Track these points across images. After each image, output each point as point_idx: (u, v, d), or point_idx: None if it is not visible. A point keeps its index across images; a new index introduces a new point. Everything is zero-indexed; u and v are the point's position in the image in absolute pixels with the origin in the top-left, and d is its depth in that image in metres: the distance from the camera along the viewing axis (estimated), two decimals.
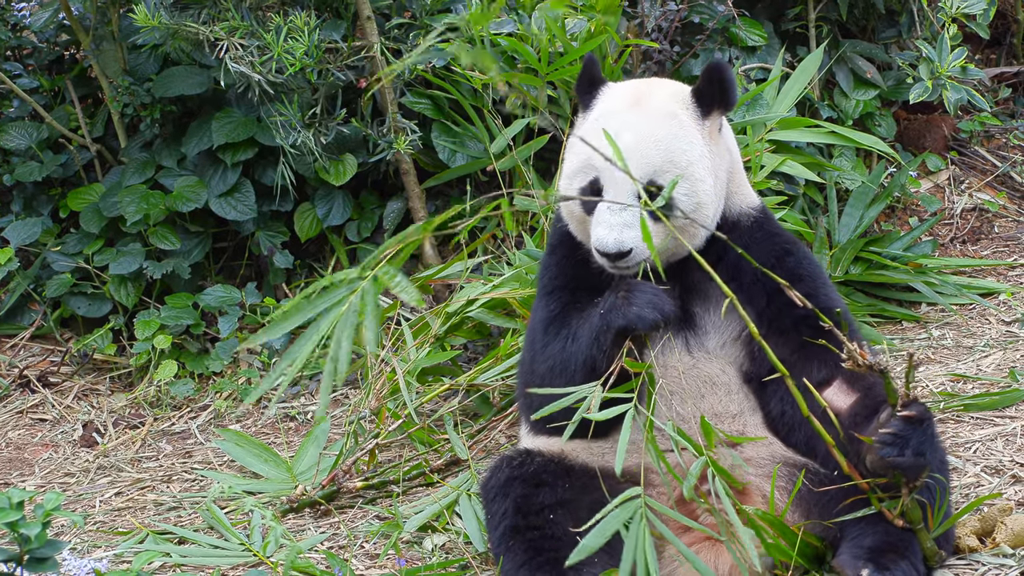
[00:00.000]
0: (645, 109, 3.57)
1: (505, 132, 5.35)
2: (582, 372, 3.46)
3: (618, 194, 3.49)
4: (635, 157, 3.49)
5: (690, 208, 3.51)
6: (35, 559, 2.92)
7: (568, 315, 3.59)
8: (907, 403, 3.24)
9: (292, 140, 5.45)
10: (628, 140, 3.49)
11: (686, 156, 3.51)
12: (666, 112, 3.56)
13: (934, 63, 5.59)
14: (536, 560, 3.38)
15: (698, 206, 3.52)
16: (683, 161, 3.50)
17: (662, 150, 3.50)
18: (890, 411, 3.25)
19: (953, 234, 6.07)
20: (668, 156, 3.50)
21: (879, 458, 3.24)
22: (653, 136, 3.51)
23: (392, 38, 5.59)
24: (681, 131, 3.53)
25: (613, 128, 3.50)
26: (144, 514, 4.48)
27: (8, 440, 5.29)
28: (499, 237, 5.52)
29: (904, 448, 3.22)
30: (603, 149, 3.43)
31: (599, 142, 3.47)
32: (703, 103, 3.59)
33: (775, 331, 3.55)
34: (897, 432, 3.22)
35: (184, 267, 5.69)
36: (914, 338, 5.24)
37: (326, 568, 3.74)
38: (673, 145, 3.51)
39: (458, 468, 4.44)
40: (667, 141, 3.51)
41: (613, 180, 3.50)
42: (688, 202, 3.51)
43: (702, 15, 5.56)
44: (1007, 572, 3.40)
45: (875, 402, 3.37)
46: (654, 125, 3.52)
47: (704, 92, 3.59)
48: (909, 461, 3.22)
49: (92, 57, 5.89)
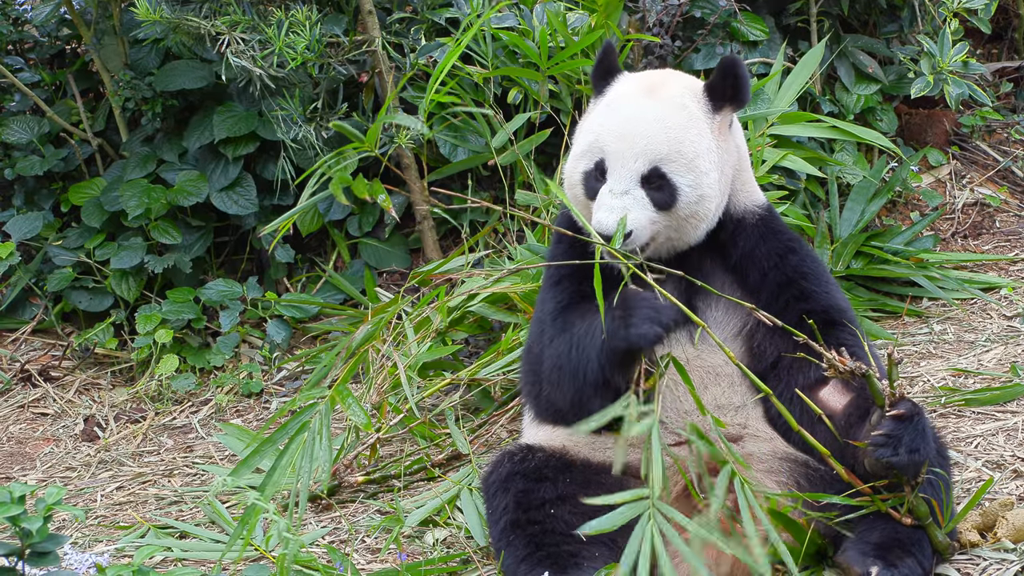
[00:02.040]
0: (657, 98, 3.58)
1: (506, 127, 5.34)
2: (592, 386, 3.45)
3: (621, 176, 3.50)
4: (642, 142, 3.49)
5: (693, 199, 3.51)
6: (36, 553, 2.93)
7: (573, 310, 3.58)
8: (894, 402, 3.24)
9: (293, 134, 5.45)
10: (637, 125, 3.50)
11: (693, 147, 3.51)
12: (678, 103, 3.56)
13: (935, 58, 5.59)
14: (537, 554, 3.38)
15: (701, 198, 3.53)
16: (690, 152, 3.51)
17: (670, 139, 3.50)
18: (879, 412, 3.26)
19: (954, 229, 6.07)
20: (675, 146, 3.50)
21: (876, 460, 3.24)
22: (663, 124, 3.51)
23: (393, 32, 5.58)
24: (691, 123, 3.54)
25: (623, 112, 3.52)
26: (145, 508, 4.48)
27: (9, 434, 5.30)
28: (500, 231, 5.52)
29: (897, 447, 3.22)
30: (612, 131, 3.44)
31: (608, 124, 3.48)
32: (715, 98, 3.60)
33: (776, 327, 3.54)
34: (889, 433, 3.23)
35: (185, 261, 5.69)
36: (915, 333, 5.24)
37: (327, 562, 3.74)
38: (681, 135, 3.51)
39: (459, 463, 4.44)
40: (676, 131, 3.51)
41: (618, 162, 3.50)
42: (691, 193, 3.51)
43: (703, 10, 5.56)
44: (1008, 567, 3.40)
45: (868, 401, 3.37)
46: (664, 113, 3.53)
47: (717, 87, 3.60)
48: (905, 460, 3.22)
49: (93, 51, 5.89)
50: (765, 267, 3.62)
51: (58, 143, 6.06)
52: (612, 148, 3.51)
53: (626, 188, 3.49)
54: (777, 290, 3.60)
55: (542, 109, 5.30)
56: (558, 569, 3.33)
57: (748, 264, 3.62)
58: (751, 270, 3.62)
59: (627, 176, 3.50)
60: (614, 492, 3.49)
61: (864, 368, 3.22)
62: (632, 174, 3.50)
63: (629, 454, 3.60)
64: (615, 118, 3.55)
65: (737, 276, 3.64)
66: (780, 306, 3.58)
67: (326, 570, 3.63)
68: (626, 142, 3.50)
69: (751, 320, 3.57)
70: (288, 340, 5.59)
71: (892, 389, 3.23)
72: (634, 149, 3.49)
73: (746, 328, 3.60)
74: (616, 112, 3.56)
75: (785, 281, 3.61)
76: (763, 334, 3.55)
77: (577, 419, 3.52)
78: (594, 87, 3.74)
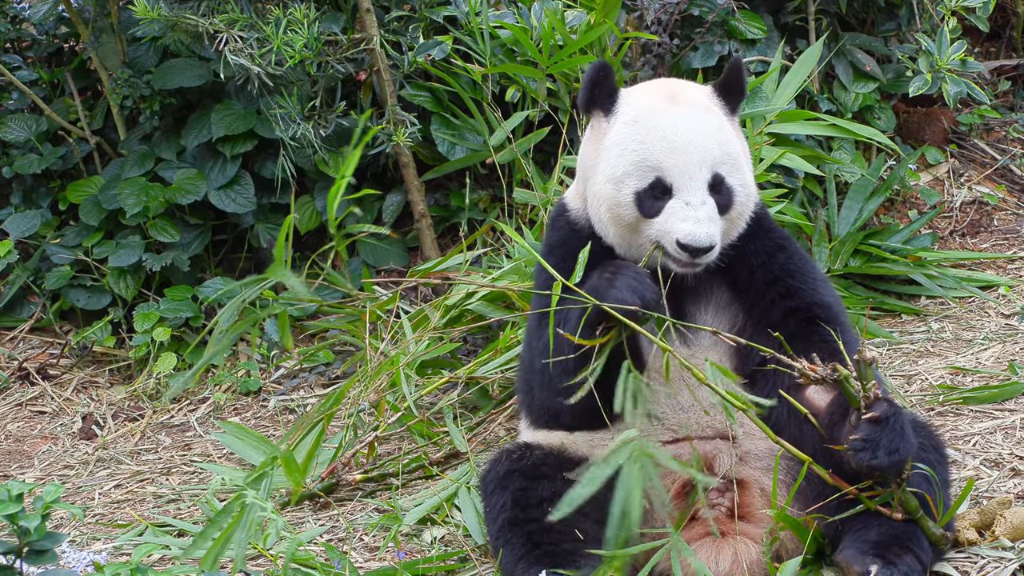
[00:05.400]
0: (687, 106, 3.57)
1: (504, 125, 5.34)
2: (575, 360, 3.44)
3: (693, 188, 3.48)
4: (698, 151, 3.49)
5: (743, 198, 3.55)
6: (34, 551, 2.92)
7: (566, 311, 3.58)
8: (870, 404, 3.24)
9: (291, 132, 5.45)
10: (687, 135, 3.49)
11: (734, 147, 3.55)
12: (705, 107, 3.58)
13: (933, 56, 5.59)
14: (534, 553, 3.38)
15: (748, 197, 3.57)
16: (734, 152, 3.54)
17: (718, 142, 3.51)
18: (856, 415, 3.26)
19: (952, 227, 6.07)
20: (723, 148, 3.51)
21: (857, 463, 3.25)
22: (706, 129, 3.52)
23: (391, 30, 5.58)
24: (723, 124, 3.57)
25: (665, 125, 3.50)
26: (143, 506, 4.48)
27: (7, 432, 5.29)
28: (498, 230, 5.52)
29: (876, 450, 3.22)
30: (661, 146, 3.44)
31: (652, 141, 3.48)
32: (729, 100, 3.62)
33: (765, 325, 3.55)
34: (866, 437, 3.23)
35: (183, 260, 5.69)
36: (913, 331, 5.25)
37: (325, 561, 3.74)
38: (722, 137, 3.53)
39: (457, 461, 4.44)
40: (717, 134, 3.52)
41: (684, 175, 3.48)
42: (742, 192, 3.55)
43: (702, 8, 5.56)
44: (1006, 565, 3.40)
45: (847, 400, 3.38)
46: (703, 120, 3.53)
47: (731, 88, 3.62)
48: (885, 462, 3.23)
49: (91, 49, 5.89)
50: (753, 265, 3.62)
51: (56, 141, 6.05)
52: (670, 163, 3.48)
53: (702, 199, 3.48)
54: (764, 288, 3.60)
55: (540, 107, 5.30)
56: (556, 567, 3.32)
57: (737, 262, 3.62)
58: (740, 268, 3.62)
59: (698, 187, 3.48)
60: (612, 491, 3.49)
61: (835, 374, 3.22)
62: (700, 183, 3.48)
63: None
64: (657, 132, 3.51)
65: (727, 274, 3.64)
66: (767, 303, 3.59)
67: (324, 568, 3.63)
68: (684, 154, 3.48)
69: (739, 320, 3.58)
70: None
71: (865, 392, 3.23)
72: (694, 159, 3.47)
73: (734, 329, 3.60)
74: (655, 127, 3.52)
75: (772, 279, 3.61)
76: (750, 334, 3.55)
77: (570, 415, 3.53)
78: (594, 109, 3.65)
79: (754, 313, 3.59)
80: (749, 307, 3.60)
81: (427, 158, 5.74)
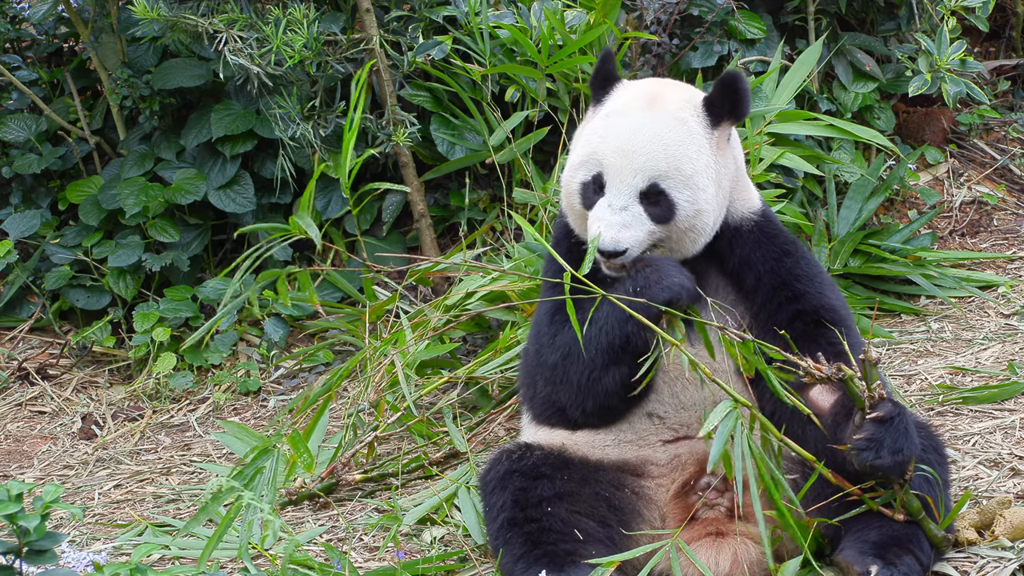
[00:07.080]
0: (657, 112, 3.57)
1: (504, 125, 5.34)
2: (605, 355, 3.46)
3: (620, 192, 3.50)
4: (641, 159, 3.50)
5: (691, 214, 3.53)
6: (34, 551, 2.92)
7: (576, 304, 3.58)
8: (874, 404, 3.25)
9: (291, 132, 5.45)
10: (637, 140, 3.51)
11: (692, 164, 3.52)
12: (677, 118, 3.56)
13: (933, 56, 5.59)
14: (534, 552, 3.39)
15: (698, 213, 3.54)
16: (688, 169, 3.51)
17: (669, 155, 3.51)
18: (860, 415, 3.26)
19: (952, 227, 6.07)
20: (674, 163, 3.50)
21: (861, 463, 3.25)
22: (662, 140, 3.51)
23: (391, 30, 5.58)
24: (690, 138, 3.54)
25: (623, 126, 3.52)
26: (143, 506, 4.48)
27: (7, 432, 5.30)
28: (498, 230, 5.52)
29: (880, 450, 3.23)
30: (611, 144, 3.44)
31: (608, 138, 3.49)
32: (714, 113, 3.59)
33: (771, 328, 3.56)
34: (870, 436, 3.24)
35: (183, 259, 5.69)
36: (913, 331, 5.25)
37: (325, 561, 3.74)
38: (680, 152, 3.51)
39: (457, 461, 4.44)
40: (675, 147, 3.51)
41: (616, 177, 3.51)
42: (689, 208, 3.52)
43: (701, 8, 5.56)
44: (1006, 564, 3.40)
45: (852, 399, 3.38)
46: (664, 129, 3.53)
47: (716, 102, 3.59)
48: (888, 462, 3.24)
49: (91, 49, 5.89)
50: (760, 271, 3.63)
51: (56, 141, 6.05)
52: (611, 162, 3.52)
53: (624, 204, 3.51)
54: (771, 292, 3.61)
55: (540, 107, 5.30)
56: (555, 567, 3.33)
57: (744, 269, 3.64)
58: (747, 275, 3.64)
59: (626, 192, 3.51)
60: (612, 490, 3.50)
61: (840, 373, 3.22)
62: (631, 190, 3.51)
63: (627, 452, 3.60)
64: (614, 132, 3.55)
65: (733, 280, 3.65)
66: (773, 308, 3.60)
67: (323, 568, 3.63)
68: (625, 158, 3.50)
69: (745, 322, 3.59)
70: (286, 338, 5.58)
71: (870, 392, 3.24)
72: (633, 165, 3.49)
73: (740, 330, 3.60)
74: (616, 125, 3.56)
75: (779, 283, 3.62)
76: (756, 335, 3.55)
77: (579, 411, 3.55)
78: (593, 95, 3.73)
79: (761, 316, 3.60)
80: (756, 310, 3.61)
81: (427, 158, 5.74)
